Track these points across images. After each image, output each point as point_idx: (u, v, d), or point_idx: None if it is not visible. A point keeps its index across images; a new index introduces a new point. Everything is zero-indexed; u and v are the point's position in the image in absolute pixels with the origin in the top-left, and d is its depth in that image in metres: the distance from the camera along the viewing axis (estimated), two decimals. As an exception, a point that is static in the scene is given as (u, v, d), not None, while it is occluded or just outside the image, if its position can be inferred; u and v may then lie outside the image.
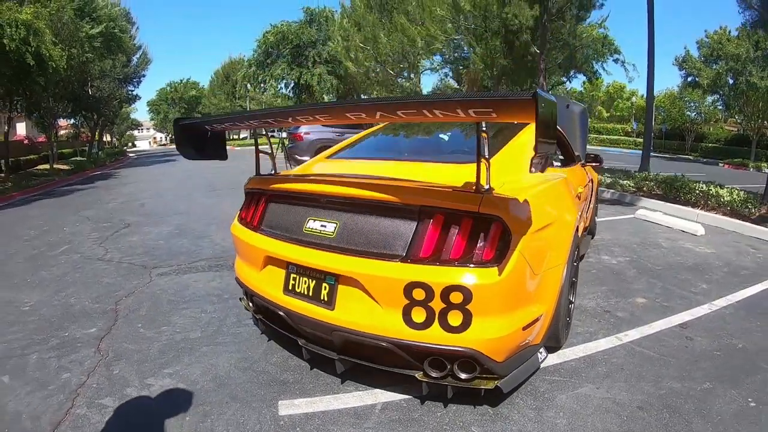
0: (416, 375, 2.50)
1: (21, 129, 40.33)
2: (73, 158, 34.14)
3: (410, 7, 20.82)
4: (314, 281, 2.57)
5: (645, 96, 14.37)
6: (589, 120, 55.71)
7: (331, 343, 2.66)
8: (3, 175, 22.42)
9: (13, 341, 3.81)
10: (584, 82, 34.40)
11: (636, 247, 6.39)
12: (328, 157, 3.75)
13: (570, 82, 33.46)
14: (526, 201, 2.32)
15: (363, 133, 4.50)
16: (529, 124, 3.77)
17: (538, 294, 2.58)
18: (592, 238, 6.46)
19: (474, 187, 2.29)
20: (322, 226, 2.62)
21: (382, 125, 4.68)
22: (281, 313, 2.76)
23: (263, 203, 3.12)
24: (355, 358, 2.65)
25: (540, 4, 14.37)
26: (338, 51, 27.50)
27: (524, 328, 2.46)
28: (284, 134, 19.95)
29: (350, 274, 2.42)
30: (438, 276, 2.22)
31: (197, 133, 3.13)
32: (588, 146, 30.75)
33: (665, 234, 7.25)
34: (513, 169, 2.46)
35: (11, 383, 3.20)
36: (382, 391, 2.90)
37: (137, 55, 37.05)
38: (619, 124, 56.53)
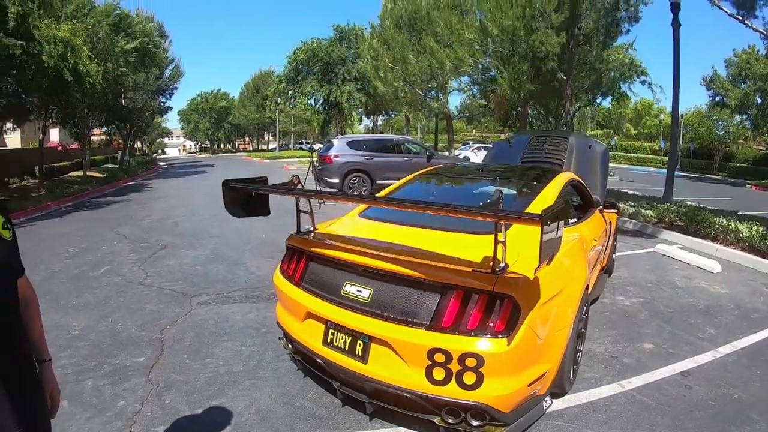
0: (434, 420, 2.86)
1: (54, 135, 41.50)
2: (104, 165, 35.03)
3: (438, 29, 21.20)
4: (350, 338, 2.96)
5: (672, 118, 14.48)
6: (618, 137, 55.49)
7: (362, 388, 3.02)
8: (37, 181, 23.24)
9: (67, 366, 4.14)
10: (612, 101, 34.37)
11: (651, 287, 6.56)
12: (361, 214, 4.10)
13: (597, 103, 33.32)
14: (536, 278, 2.67)
15: (393, 186, 4.87)
16: (546, 186, 4.15)
17: (544, 354, 2.93)
18: (609, 276, 6.66)
19: (491, 265, 2.65)
20: (358, 291, 3.01)
21: (411, 176, 5.10)
22: (319, 360, 3.15)
23: (304, 261, 3.50)
24: (383, 402, 3.01)
25: (567, 32, 14.59)
26: (367, 70, 27.88)
27: (530, 384, 2.81)
28: (313, 150, 20.40)
29: (382, 337, 2.81)
30: (456, 344, 2.59)
31: (243, 193, 3.53)
32: (616, 165, 30.70)
33: (682, 271, 7.40)
34: (528, 238, 2.80)
35: (70, 409, 3.50)
36: (406, 429, 3.22)
37: (170, 68, 37.91)
38: (647, 141, 56.00)
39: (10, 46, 14.27)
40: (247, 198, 3.54)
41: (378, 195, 4.76)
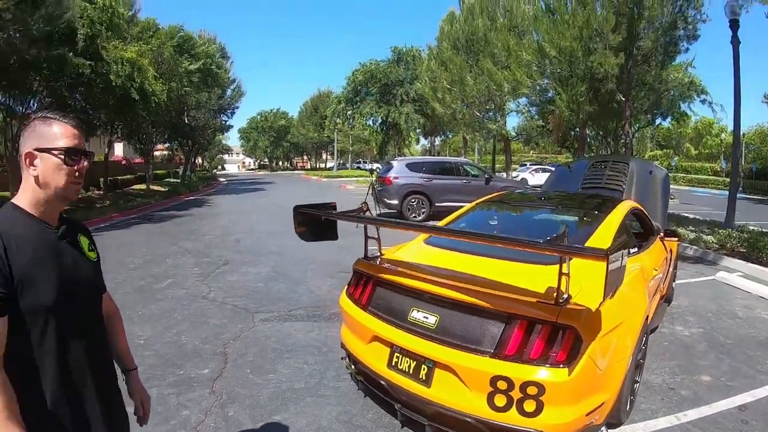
0: (493, 445, 2.93)
1: (118, 149, 43.27)
2: (166, 179, 36.34)
3: (496, 50, 21.27)
4: (415, 362, 3.06)
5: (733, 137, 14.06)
6: (678, 158, 53.91)
7: (423, 411, 3.10)
8: (102, 192, 24.31)
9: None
10: (671, 121, 33.55)
11: (711, 317, 6.40)
12: (426, 240, 4.21)
13: (656, 124, 32.56)
14: (598, 311, 2.72)
15: (456, 214, 4.98)
16: (608, 215, 4.17)
17: (603, 385, 2.95)
18: (669, 305, 6.54)
19: (554, 296, 2.71)
20: (424, 317, 3.12)
21: (473, 204, 5.21)
22: (383, 382, 3.25)
23: (371, 286, 3.63)
24: (443, 425, 3.07)
25: (624, 52, 14.42)
26: (425, 91, 28.08)
27: (588, 414, 2.84)
28: (373, 171, 20.69)
29: (446, 363, 2.89)
30: (519, 372, 2.66)
31: (312, 218, 3.70)
32: (676, 186, 29.62)
33: (743, 301, 7.19)
34: (591, 270, 2.83)
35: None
36: (463, 453, 3.30)
37: (231, 88, 39.22)
38: (707, 162, 54.12)
39: (79, 66, 15.15)
40: (316, 223, 3.70)
41: (441, 222, 4.87)
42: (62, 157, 1.51)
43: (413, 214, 15.01)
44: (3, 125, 17.33)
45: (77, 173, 1.56)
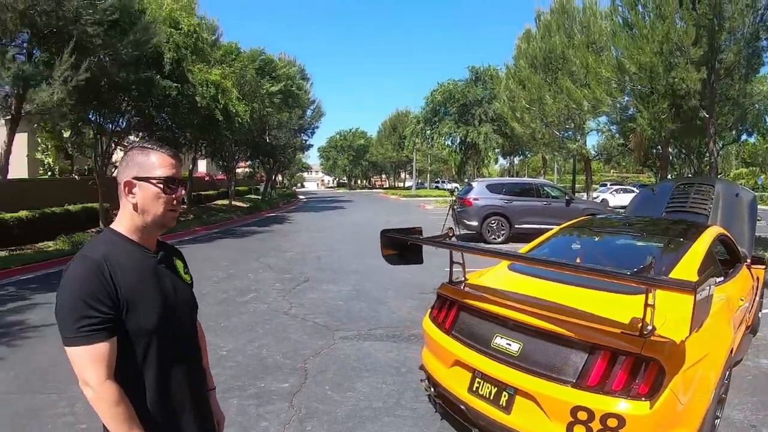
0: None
1: (202, 166, 45.28)
2: (248, 195, 37.66)
3: (574, 68, 20.89)
4: (496, 388, 3.09)
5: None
6: (765, 177, 50.57)
7: (500, 437, 3.13)
8: (186, 206, 25.51)
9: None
10: (758, 137, 31.76)
11: (800, 350, 5.99)
12: (510, 266, 4.23)
13: (742, 140, 30.87)
14: (682, 343, 2.67)
15: (538, 240, 4.97)
16: (694, 243, 4.06)
17: (684, 419, 2.87)
18: (754, 335, 6.21)
19: (639, 327, 2.68)
20: (507, 344, 3.15)
21: (556, 230, 5.19)
22: (462, 407, 3.29)
23: (455, 310, 3.69)
24: (520, 452, 3.09)
25: (707, 66, 13.85)
26: (504, 111, 27.82)
27: None
28: (453, 191, 20.77)
29: (528, 390, 2.91)
30: (600, 404, 2.64)
31: (399, 242, 3.80)
32: (763, 207, 27.72)
33: (835, 333, 6.69)
34: (675, 300, 2.78)
35: None
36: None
37: (311, 108, 40.44)
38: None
39: (166, 87, 16.18)
40: (402, 247, 3.80)
41: (524, 248, 4.87)
42: (160, 186, 1.58)
43: (493, 236, 15.00)
44: (93, 141, 18.61)
45: (174, 201, 1.63)
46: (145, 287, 1.55)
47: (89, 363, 1.39)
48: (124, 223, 1.61)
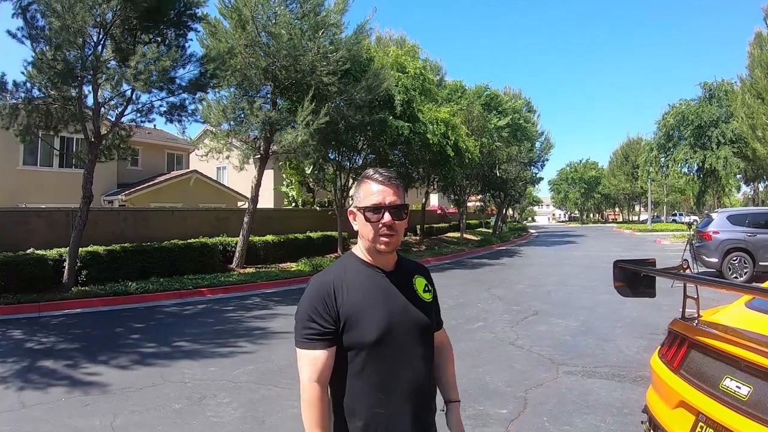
0: None
1: (434, 199, 47.22)
2: (478, 229, 38.29)
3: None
4: (717, 435, 2.82)
5: None
6: None
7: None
8: (418, 237, 26.75)
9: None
10: None
11: None
12: (747, 303, 3.84)
13: None
14: None
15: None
16: None
17: None
18: None
19: None
20: (737, 387, 2.85)
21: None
22: (682, 452, 3.06)
23: (685, 348, 3.45)
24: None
25: None
26: (743, 130, 24.47)
27: None
28: (691, 224, 18.83)
29: (752, 440, 2.60)
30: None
31: (631, 273, 3.69)
32: None
33: None
34: None
35: None
36: None
37: (540, 141, 39.95)
38: None
39: (399, 127, 17.47)
40: (635, 278, 3.68)
41: (767, 284, 4.35)
42: (367, 214, 1.69)
43: (734, 275, 13.13)
44: (333, 177, 20.66)
45: (381, 226, 1.68)
46: (369, 305, 1.67)
47: (305, 364, 1.64)
48: (358, 246, 1.82)
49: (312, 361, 1.63)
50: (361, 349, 1.65)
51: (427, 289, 1.93)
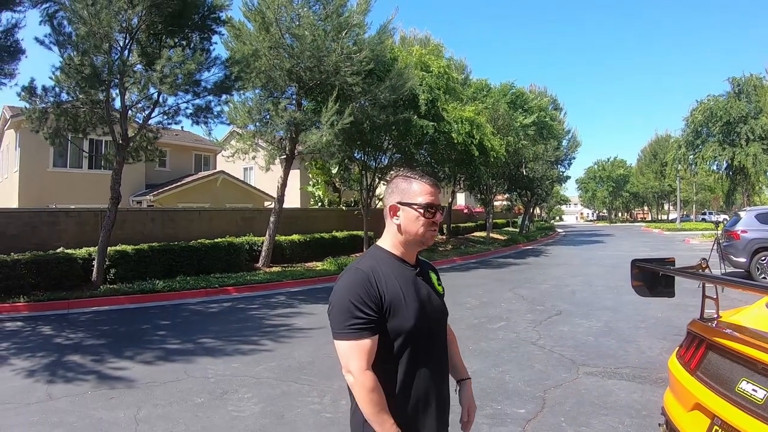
0: None
1: (460, 199, 47.04)
2: (505, 228, 38.05)
3: None
4: (734, 439, 2.78)
5: None
6: None
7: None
8: (445, 237, 26.68)
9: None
10: None
11: None
12: (768, 305, 3.77)
13: None
14: None
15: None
16: None
17: None
18: None
19: None
20: (753, 390, 2.80)
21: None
22: (695, 455, 3.02)
23: (703, 349, 3.40)
24: None
25: None
26: None
27: None
28: (719, 223, 18.35)
29: (768, 445, 2.56)
30: None
31: (649, 272, 3.65)
32: None
33: None
34: None
35: None
36: None
37: (567, 139, 39.49)
38: None
39: (423, 126, 17.44)
40: (653, 278, 3.64)
41: None
42: (420, 211, 1.81)
43: (762, 275, 12.79)
44: (359, 177, 20.69)
45: (432, 223, 1.84)
46: (406, 294, 1.77)
47: (354, 355, 1.67)
48: (389, 240, 1.90)
49: (362, 351, 1.67)
50: (398, 336, 1.74)
51: (439, 282, 2.05)
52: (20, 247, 12.02)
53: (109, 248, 12.16)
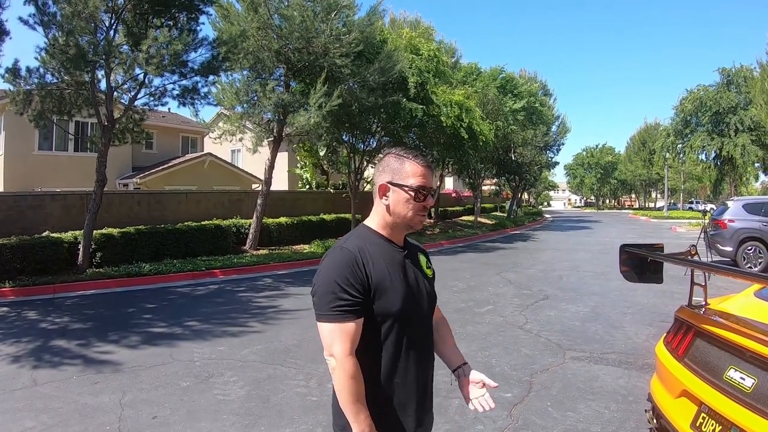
0: None
1: (449, 183, 47.09)
2: (493, 213, 38.15)
3: None
4: (720, 426, 2.75)
5: None
6: None
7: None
8: (432, 220, 26.73)
9: (438, 383, 4.81)
10: None
11: None
12: (756, 293, 3.77)
13: None
14: None
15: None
16: None
17: None
18: None
19: None
20: (741, 378, 2.80)
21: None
22: (682, 442, 3.02)
23: (690, 336, 3.39)
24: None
25: None
26: (761, 118, 23.91)
27: None
28: (706, 212, 18.46)
29: (754, 432, 2.57)
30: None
31: (638, 258, 3.63)
32: None
33: None
34: None
35: (437, 419, 4.10)
36: None
37: (556, 125, 39.53)
38: None
39: (413, 109, 17.33)
40: (641, 264, 3.62)
41: None
42: (411, 193, 1.73)
43: (748, 265, 12.90)
44: (347, 159, 20.61)
45: (423, 207, 1.77)
46: (393, 276, 1.71)
47: (337, 338, 1.61)
48: (377, 220, 1.82)
49: (346, 334, 1.62)
50: (384, 319, 1.69)
51: (428, 265, 1.99)
52: (5, 231, 11.91)
53: (95, 232, 12.04)
